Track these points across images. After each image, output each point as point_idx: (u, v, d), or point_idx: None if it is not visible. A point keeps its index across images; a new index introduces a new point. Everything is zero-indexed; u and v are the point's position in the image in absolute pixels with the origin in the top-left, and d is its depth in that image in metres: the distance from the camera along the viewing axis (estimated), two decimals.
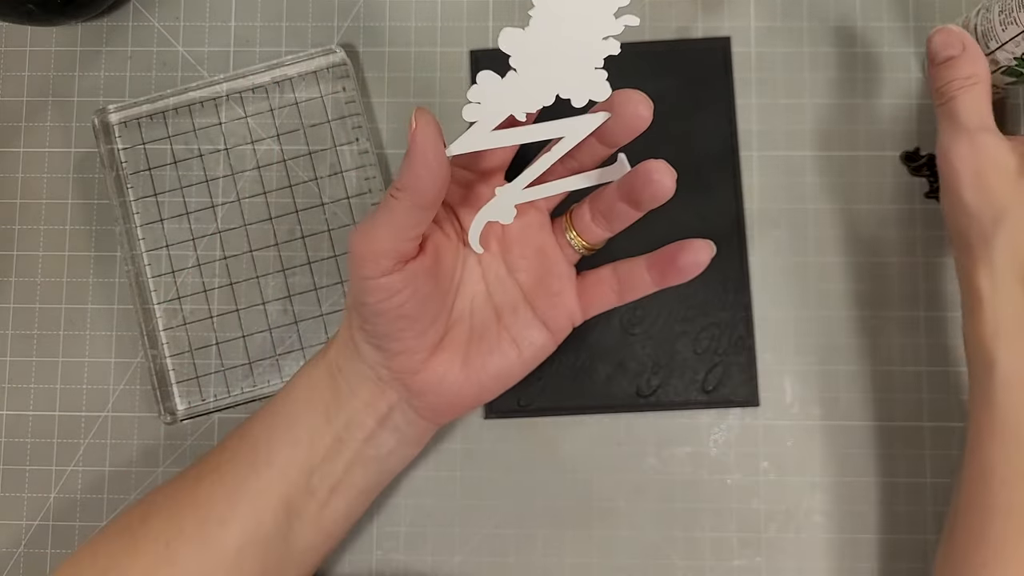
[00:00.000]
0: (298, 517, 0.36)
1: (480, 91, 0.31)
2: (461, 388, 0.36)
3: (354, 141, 0.45)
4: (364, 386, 0.36)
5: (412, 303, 0.33)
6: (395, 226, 0.32)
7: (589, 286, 0.37)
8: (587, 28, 0.31)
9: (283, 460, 0.36)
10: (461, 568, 0.43)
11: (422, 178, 0.31)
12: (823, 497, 0.43)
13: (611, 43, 0.31)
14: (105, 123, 0.44)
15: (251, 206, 0.44)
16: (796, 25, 0.45)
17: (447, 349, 0.36)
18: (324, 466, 0.36)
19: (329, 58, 0.44)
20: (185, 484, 0.37)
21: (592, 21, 0.31)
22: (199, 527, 0.35)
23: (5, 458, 0.44)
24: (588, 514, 0.43)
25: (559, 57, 0.31)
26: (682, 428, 0.44)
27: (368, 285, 0.33)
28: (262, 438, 0.37)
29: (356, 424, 0.36)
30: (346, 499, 0.37)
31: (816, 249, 0.44)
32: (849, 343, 0.44)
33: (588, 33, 0.31)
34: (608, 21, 0.31)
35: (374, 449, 0.37)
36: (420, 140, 0.31)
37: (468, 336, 0.36)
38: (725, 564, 0.43)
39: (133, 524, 0.36)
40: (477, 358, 0.36)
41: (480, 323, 0.37)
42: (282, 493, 0.36)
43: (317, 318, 0.44)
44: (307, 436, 0.36)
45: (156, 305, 0.44)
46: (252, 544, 0.35)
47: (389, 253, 0.32)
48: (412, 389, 0.36)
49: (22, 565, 0.43)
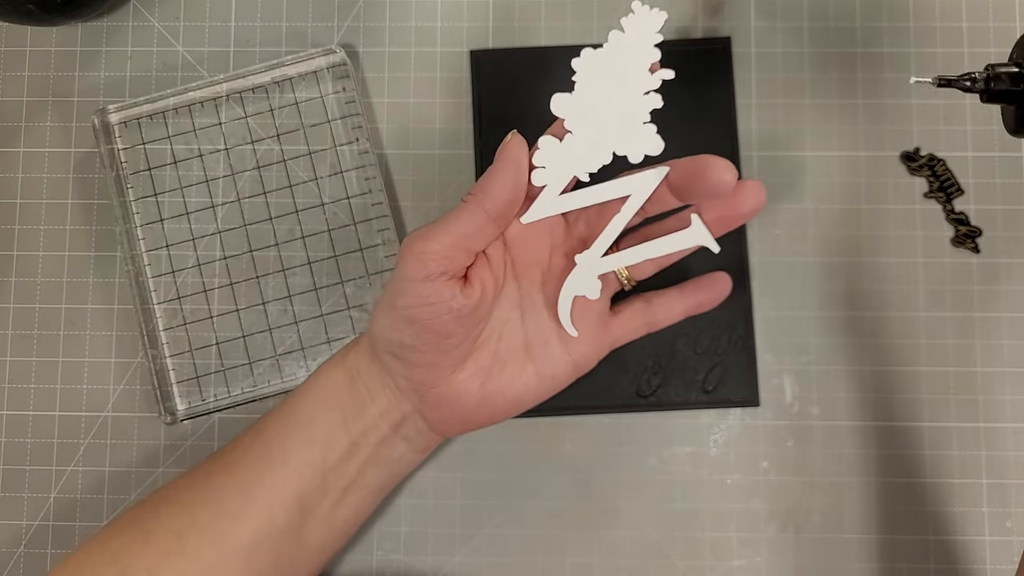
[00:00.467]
0: (311, 515, 0.36)
1: (543, 156, 0.33)
2: (476, 407, 0.36)
3: (354, 141, 0.45)
4: (382, 393, 0.36)
5: (444, 320, 0.33)
6: (455, 230, 0.32)
7: (623, 320, 0.38)
8: (628, 87, 0.33)
9: (298, 459, 0.36)
10: (461, 568, 0.43)
11: (500, 186, 0.32)
12: (823, 497, 0.43)
13: (653, 97, 0.33)
14: (105, 123, 0.44)
15: (251, 206, 0.44)
16: (796, 25, 0.45)
17: (469, 368, 0.36)
18: (339, 467, 0.36)
19: (329, 58, 0.44)
20: (197, 479, 0.37)
21: (630, 79, 0.33)
22: (212, 521, 0.35)
23: (5, 458, 0.44)
24: (588, 514, 0.43)
25: (608, 116, 0.33)
26: (682, 428, 0.44)
27: (407, 287, 0.33)
28: (277, 436, 0.37)
29: (372, 429, 0.36)
30: (358, 499, 0.37)
31: (816, 249, 0.44)
32: (849, 343, 0.44)
33: (629, 91, 0.33)
34: (645, 77, 0.33)
35: (387, 452, 0.37)
36: (512, 151, 0.32)
37: (492, 359, 0.36)
38: (725, 564, 0.43)
39: (144, 515, 0.36)
40: (497, 382, 0.36)
41: (507, 349, 0.37)
42: (296, 491, 0.36)
43: (317, 318, 0.44)
44: (323, 436, 0.36)
45: (156, 305, 0.44)
46: (265, 540, 0.36)
47: (439, 255, 0.32)
48: (427, 401, 0.36)
49: (22, 565, 0.43)
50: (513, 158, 0.32)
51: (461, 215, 0.33)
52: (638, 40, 0.32)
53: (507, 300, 0.37)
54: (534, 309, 0.37)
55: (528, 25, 0.45)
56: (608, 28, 0.45)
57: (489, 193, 0.32)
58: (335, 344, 0.44)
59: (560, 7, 0.45)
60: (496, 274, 0.35)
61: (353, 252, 0.44)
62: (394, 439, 0.37)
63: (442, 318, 0.33)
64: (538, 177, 0.33)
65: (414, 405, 0.36)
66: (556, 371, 0.37)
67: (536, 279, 0.37)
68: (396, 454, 0.37)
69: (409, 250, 0.33)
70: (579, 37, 0.45)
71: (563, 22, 0.45)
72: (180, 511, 0.36)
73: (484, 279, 0.34)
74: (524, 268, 0.37)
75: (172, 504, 0.36)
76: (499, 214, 0.32)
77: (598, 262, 0.36)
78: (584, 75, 0.33)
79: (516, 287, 0.37)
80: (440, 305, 0.33)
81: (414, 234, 0.33)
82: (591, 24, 0.45)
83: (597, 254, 0.36)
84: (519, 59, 0.45)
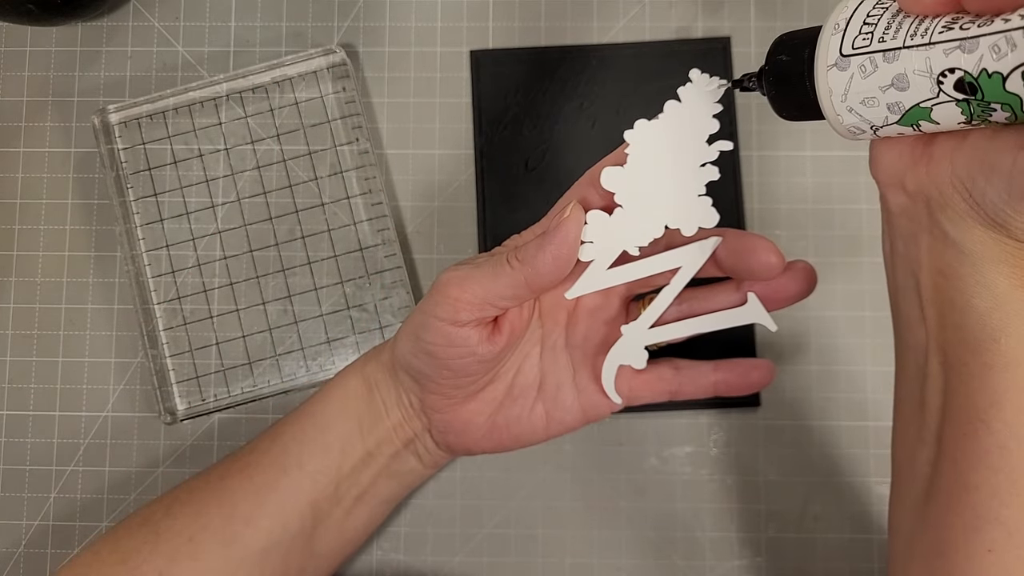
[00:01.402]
0: (323, 522, 0.36)
1: (592, 231, 0.32)
2: (481, 438, 0.36)
3: (354, 141, 0.45)
4: (396, 408, 0.36)
5: (467, 362, 0.33)
6: (493, 291, 0.32)
7: (647, 382, 0.37)
8: (683, 158, 0.32)
9: (314, 465, 0.36)
10: (461, 568, 0.43)
11: (547, 264, 0.31)
12: (823, 497, 0.43)
13: (710, 169, 0.32)
14: (105, 123, 0.44)
15: (251, 206, 0.44)
16: (796, 25, 0.45)
17: (480, 400, 0.36)
18: (353, 475, 0.36)
19: (329, 58, 0.44)
20: (210, 481, 0.37)
21: (687, 151, 0.31)
22: (224, 524, 0.35)
23: (5, 458, 0.44)
24: (588, 514, 0.43)
25: (662, 189, 0.32)
26: (682, 428, 0.44)
27: (434, 324, 0.32)
28: (295, 440, 0.37)
29: (386, 441, 0.36)
30: (369, 508, 0.38)
31: (816, 249, 0.44)
32: (849, 343, 0.44)
33: (685, 162, 0.32)
34: (702, 148, 0.32)
35: (398, 465, 0.37)
36: (568, 229, 0.31)
37: (505, 395, 0.36)
38: (725, 564, 0.43)
39: (156, 516, 0.36)
40: (505, 418, 0.36)
41: (521, 385, 0.36)
42: (310, 497, 0.36)
43: (317, 318, 0.44)
44: (339, 444, 0.36)
45: (156, 305, 0.44)
46: (277, 545, 0.36)
47: (472, 305, 0.32)
48: (435, 424, 0.36)
49: (22, 565, 0.43)
50: (569, 238, 0.31)
51: (502, 277, 0.31)
52: (696, 110, 0.31)
53: (530, 337, 0.36)
54: (554, 349, 0.37)
55: (528, 25, 0.45)
56: (608, 28, 0.45)
57: (536, 268, 0.31)
58: (335, 344, 0.44)
59: (560, 7, 0.45)
60: (525, 318, 0.35)
61: (353, 252, 0.44)
62: (405, 453, 0.37)
63: (464, 360, 0.33)
64: (586, 253, 0.32)
65: (424, 425, 0.36)
66: (565, 416, 0.37)
67: (561, 320, 0.37)
68: (407, 467, 0.38)
69: (443, 292, 0.32)
70: (579, 37, 0.45)
71: (563, 22, 0.45)
72: (192, 513, 0.36)
73: (513, 324, 0.34)
74: (551, 308, 0.36)
75: (184, 506, 0.36)
76: (541, 288, 0.32)
77: (646, 333, 0.35)
78: (637, 147, 0.32)
79: (540, 324, 0.37)
80: (465, 349, 0.32)
81: (450, 275, 0.32)
82: (591, 24, 0.45)
83: (645, 325, 0.35)
84: (519, 59, 0.45)
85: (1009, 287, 0.25)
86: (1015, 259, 0.25)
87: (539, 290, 0.32)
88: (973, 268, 0.25)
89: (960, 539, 0.27)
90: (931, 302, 0.27)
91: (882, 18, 0.24)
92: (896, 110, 0.25)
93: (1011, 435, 0.26)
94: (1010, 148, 0.23)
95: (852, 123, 0.26)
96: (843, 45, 0.25)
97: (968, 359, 0.26)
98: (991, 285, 0.25)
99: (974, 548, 0.27)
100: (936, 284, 0.27)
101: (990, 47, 0.22)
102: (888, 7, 0.25)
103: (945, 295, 0.27)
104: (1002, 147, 0.23)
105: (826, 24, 0.26)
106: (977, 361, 0.26)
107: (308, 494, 0.36)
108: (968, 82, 0.22)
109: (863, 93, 0.25)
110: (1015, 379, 0.26)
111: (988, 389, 0.26)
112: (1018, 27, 0.21)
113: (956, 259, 0.26)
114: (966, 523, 0.27)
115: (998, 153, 0.23)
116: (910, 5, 0.23)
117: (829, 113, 0.26)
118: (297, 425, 0.37)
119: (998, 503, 0.26)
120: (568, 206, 0.32)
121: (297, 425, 0.37)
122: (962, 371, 0.27)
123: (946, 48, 0.23)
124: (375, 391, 0.36)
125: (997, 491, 0.26)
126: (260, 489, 0.36)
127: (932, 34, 0.23)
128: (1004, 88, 0.22)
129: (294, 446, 0.36)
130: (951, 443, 0.27)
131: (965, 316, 0.26)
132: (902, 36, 0.24)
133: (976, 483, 0.26)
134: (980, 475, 0.26)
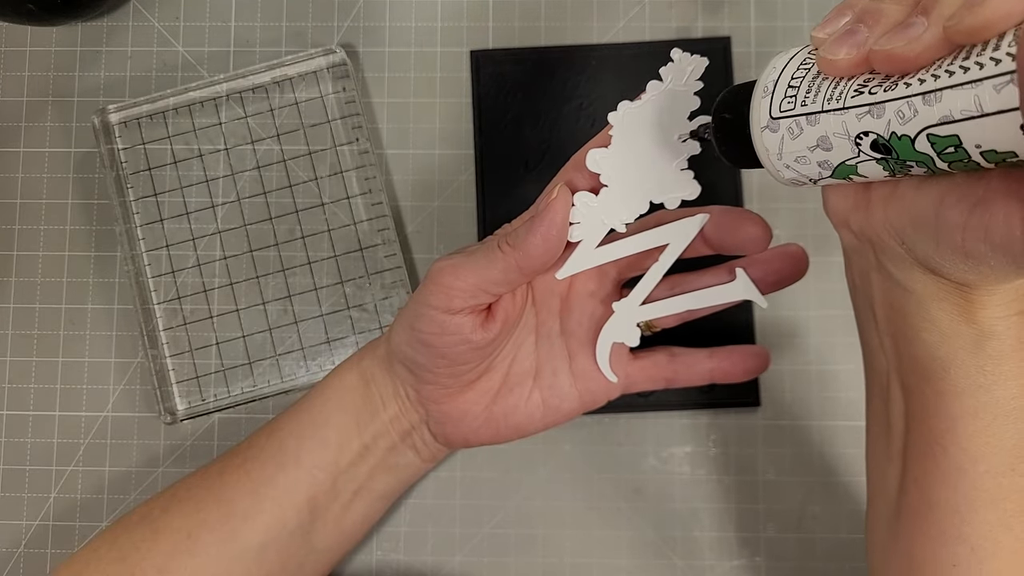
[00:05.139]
0: (321, 517, 0.36)
1: (579, 212, 0.33)
2: (479, 428, 0.36)
3: (354, 141, 0.45)
4: (393, 401, 0.36)
5: (461, 350, 0.33)
6: (486, 276, 0.32)
7: (642, 368, 0.38)
8: (666, 135, 0.32)
9: (312, 460, 0.36)
10: (461, 568, 0.43)
11: (537, 246, 0.31)
12: (823, 497, 0.43)
13: (691, 144, 0.32)
14: (105, 123, 0.44)
15: (251, 206, 0.44)
16: (796, 25, 0.45)
17: (477, 390, 0.36)
18: (350, 470, 0.36)
19: (329, 58, 0.44)
20: (208, 478, 0.37)
21: (669, 129, 0.32)
22: (222, 521, 0.36)
23: (5, 458, 0.44)
24: (588, 514, 0.43)
25: (645, 166, 0.32)
26: (681, 428, 0.44)
27: (429, 314, 0.32)
28: (292, 436, 0.37)
29: (383, 434, 0.36)
30: (367, 503, 0.38)
31: (816, 249, 0.44)
32: (849, 343, 0.44)
33: (667, 139, 0.32)
34: (684, 125, 0.32)
35: (395, 459, 0.37)
36: (556, 211, 0.31)
37: (501, 383, 0.36)
38: (725, 564, 0.43)
39: (154, 513, 0.36)
40: (502, 407, 0.36)
41: (517, 374, 0.36)
42: (308, 493, 0.36)
43: (317, 318, 0.44)
44: (336, 439, 0.36)
45: (156, 305, 0.44)
46: (275, 541, 0.36)
47: (465, 293, 0.32)
48: (432, 415, 0.36)
49: (22, 565, 0.43)
50: (557, 219, 0.31)
51: (494, 262, 0.32)
52: (677, 87, 0.32)
53: (524, 325, 0.37)
54: (549, 337, 0.37)
55: (528, 25, 0.45)
56: (608, 28, 0.45)
57: (526, 251, 0.31)
58: (335, 344, 0.44)
59: (560, 7, 0.45)
60: (518, 304, 0.35)
61: (353, 252, 0.44)
62: (402, 447, 0.37)
63: (459, 348, 0.33)
64: (574, 233, 0.33)
65: (421, 417, 0.36)
66: (562, 403, 0.37)
67: (554, 307, 0.37)
68: (404, 461, 0.38)
69: (436, 280, 0.32)
70: (579, 37, 0.45)
71: (563, 22, 0.45)
72: (191, 510, 0.36)
73: (507, 311, 0.34)
74: (544, 295, 0.36)
75: (183, 503, 0.36)
76: (532, 271, 0.32)
77: (636, 310, 0.35)
78: (621, 129, 0.32)
79: (534, 312, 0.37)
80: (459, 337, 0.33)
81: (443, 264, 0.32)
82: (591, 24, 0.45)
83: (635, 302, 0.35)
84: (519, 59, 0.45)
85: (952, 323, 0.26)
86: (955, 297, 0.26)
87: (531, 273, 0.32)
88: (918, 306, 0.26)
89: (928, 554, 0.28)
90: (886, 333, 0.28)
91: (804, 80, 0.25)
92: (826, 167, 0.25)
93: (967, 458, 0.27)
94: (933, 203, 0.23)
95: (791, 177, 0.27)
96: (771, 108, 0.26)
97: (924, 387, 0.27)
98: (936, 321, 0.26)
99: (940, 563, 0.28)
100: (889, 317, 0.28)
101: (895, 112, 0.22)
102: (810, 68, 0.25)
103: (898, 327, 0.28)
104: (925, 202, 0.24)
105: (756, 86, 0.26)
106: (931, 389, 0.27)
107: (306, 489, 0.36)
108: (882, 144, 0.23)
109: (795, 152, 0.25)
110: (965, 407, 0.27)
111: (942, 415, 0.27)
112: (917, 93, 0.21)
113: (902, 296, 0.27)
114: (932, 539, 0.28)
115: (923, 207, 0.24)
116: (825, 68, 0.24)
117: (770, 168, 0.27)
118: (294, 421, 0.37)
119: (959, 520, 0.27)
120: (555, 189, 0.32)
121: (294, 421, 0.37)
122: (919, 397, 0.28)
123: (858, 113, 0.23)
124: (371, 385, 0.36)
125: (958, 509, 0.27)
126: (258, 485, 0.36)
127: (845, 98, 0.23)
128: (914, 148, 0.22)
129: (291, 442, 0.36)
130: (914, 463, 0.29)
131: (915, 348, 0.27)
132: (820, 100, 0.24)
133: (938, 501, 0.28)
134: (941, 494, 0.28)
